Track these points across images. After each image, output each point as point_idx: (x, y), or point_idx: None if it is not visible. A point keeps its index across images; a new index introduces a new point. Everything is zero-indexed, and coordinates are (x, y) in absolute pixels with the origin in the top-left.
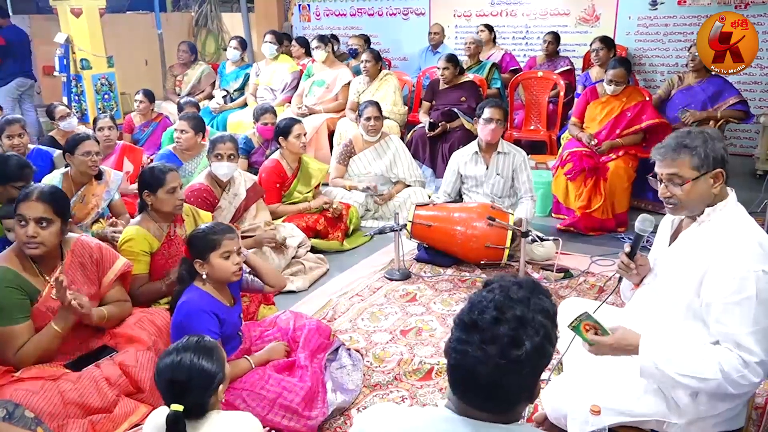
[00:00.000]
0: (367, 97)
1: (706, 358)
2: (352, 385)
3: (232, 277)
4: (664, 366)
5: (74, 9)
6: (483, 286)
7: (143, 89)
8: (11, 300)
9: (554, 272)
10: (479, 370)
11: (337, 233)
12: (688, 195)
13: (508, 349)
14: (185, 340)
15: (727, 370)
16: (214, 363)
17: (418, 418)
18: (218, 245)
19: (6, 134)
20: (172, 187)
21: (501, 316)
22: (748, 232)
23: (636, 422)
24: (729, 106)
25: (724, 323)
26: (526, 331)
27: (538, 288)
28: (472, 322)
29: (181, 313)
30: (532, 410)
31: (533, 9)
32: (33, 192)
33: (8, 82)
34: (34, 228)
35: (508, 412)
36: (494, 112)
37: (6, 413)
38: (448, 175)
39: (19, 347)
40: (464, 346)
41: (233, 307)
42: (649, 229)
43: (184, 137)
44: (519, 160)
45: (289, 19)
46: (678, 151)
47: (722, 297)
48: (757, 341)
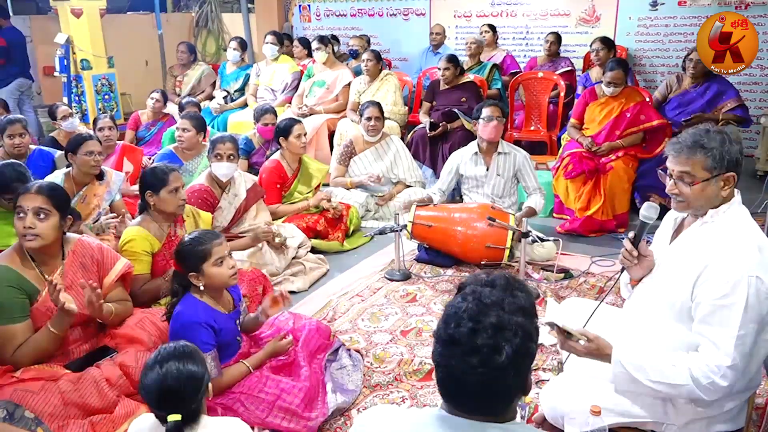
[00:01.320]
0: (367, 97)
1: (677, 365)
2: (352, 385)
3: (230, 281)
4: (635, 373)
5: (75, 9)
6: (457, 292)
7: (160, 89)
8: (11, 299)
9: (554, 273)
10: (466, 380)
11: (337, 234)
12: (696, 195)
13: (489, 357)
14: (164, 350)
15: (696, 376)
16: (198, 364)
17: (414, 419)
18: (209, 254)
19: (7, 134)
20: (175, 187)
21: (477, 326)
22: (749, 236)
23: (635, 423)
24: (727, 110)
25: (709, 323)
26: (504, 336)
27: (511, 284)
28: (449, 336)
29: (177, 323)
30: (532, 411)
31: (533, 9)
32: (33, 185)
33: (8, 83)
34: (31, 219)
35: (503, 413)
36: (493, 110)
37: (6, 414)
38: (444, 172)
39: (17, 347)
40: (447, 360)
41: (231, 312)
42: (654, 216)
43: (186, 136)
44: (521, 159)
45: (290, 20)
46: (694, 150)
47: (712, 298)
48: (735, 346)
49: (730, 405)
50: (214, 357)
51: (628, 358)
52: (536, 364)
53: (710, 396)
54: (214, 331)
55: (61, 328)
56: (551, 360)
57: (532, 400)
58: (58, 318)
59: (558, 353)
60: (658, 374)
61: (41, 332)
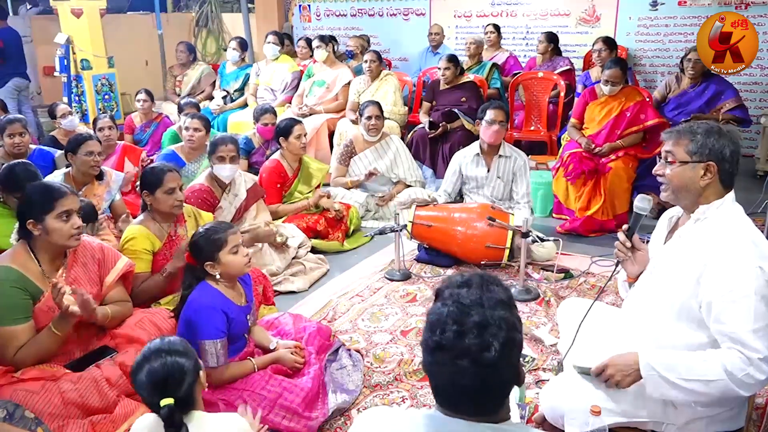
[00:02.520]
0: (367, 97)
1: (709, 360)
2: (352, 385)
3: (245, 269)
4: (666, 373)
5: (75, 9)
6: (434, 298)
7: (144, 89)
8: (15, 300)
9: (554, 273)
10: (459, 382)
11: (337, 234)
12: (672, 177)
13: (479, 356)
14: (150, 346)
15: (731, 370)
16: (184, 356)
17: (409, 420)
18: (225, 243)
19: (7, 133)
20: (170, 187)
21: (461, 328)
22: (742, 231)
23: (635, 423)
24: (727, 110)
25: (725, 322)
26: (489, 332)
27: (486, 280)
28: (436, 343)
29: (191, 309)
30: (533, 411)
31: (534, 9)
32: (66, 189)
33: (5, 83)
34: (77, 219)
35: (498, 411)
36: (497, 114)
37: (6, 414)
38: (449, 174)
39: (19, 348)
40: (438, 367)
41: (244, 306)
42: (648, 208)
43: (197, 136)
44: (520, 163)
45: (290, 20)
46: (682, 134)
47: (721, 295)
48: (758, 338)
49: (729, 405)
50: (223, 344)
51: (656, 359)
52: (536, 364)
53: (747, 390)
54: (227, 319)
55: (64, 329)
56: (551, 360)
57: (532, 400)
58: (61, 319)
59: (558, 353)
60: (690, 372)
61: (43, 333)
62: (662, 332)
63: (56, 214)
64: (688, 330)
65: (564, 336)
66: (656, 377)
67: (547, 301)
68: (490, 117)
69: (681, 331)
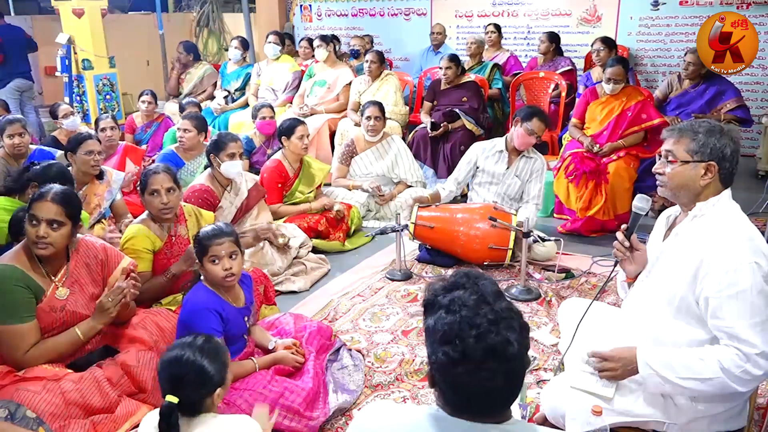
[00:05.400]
0: (368, 97)
1: (704, 358)
2: (353, 385)
3: (223, 282)
4: (663, 371)
5: (76, 9)
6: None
7: (149, 90)
8: (19, 298)
9: (556, 272)
10: (489, 386)
11: (338, 234)
12: (672, 176)
13: (504, 353)
14: (193, 338)
15: (727, 367)
16: (214, 365)
17: (412, 417)
18: (206, 251)
19: (7, 134)
20: (153, 189)
21: (479, 331)
22: (739, 227)
23: (636, 422)
24: (728, 110)
25: (722, 317)
26: (504, 325)
27: (472, 276)
28: (460, 354)
29: (186, 309)
30: (533, 411)
31: (535, 9)
32: (48, 192)
33: (6, 84)
34: (45, 229)
35: (505, 410)
36: (539, 127)
37: (8, 413)
38: (462, 164)
39: (27, 346)
40: (467, 377)
41: (241, 308)
42: (646, 207)
43: (187, 136)
44: (539, 165)
45: (291, 20)
46: (683, 133)
47: (718, 291)
48: (756, 333)
49: (731, 405)
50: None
51: (653, 357)
52: (537, 364)
53: (744, 386)
54: (221, 319)
55: (90, 333)
56: (552, 360)
57: (533, 400)
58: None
59: (559, 353)
60: (688, 370)
61: (66, 335)
62: (662, 329)
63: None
64: (687, 326)
65: (565, 336)
66: (653, 376)
67: (548, 301)
68: (532, 128)
69: (680, 327)
